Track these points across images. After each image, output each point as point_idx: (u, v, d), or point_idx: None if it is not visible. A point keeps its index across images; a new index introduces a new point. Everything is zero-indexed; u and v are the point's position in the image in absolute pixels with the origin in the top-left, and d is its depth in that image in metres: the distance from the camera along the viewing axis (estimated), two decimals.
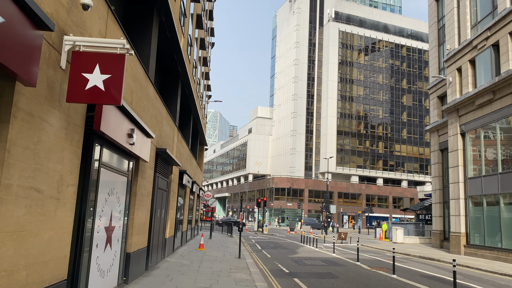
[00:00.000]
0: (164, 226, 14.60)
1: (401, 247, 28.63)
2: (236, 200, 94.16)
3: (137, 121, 7.98)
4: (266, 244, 26.87)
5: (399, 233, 34.44)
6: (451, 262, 19.39)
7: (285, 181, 72.66)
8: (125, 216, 8.92)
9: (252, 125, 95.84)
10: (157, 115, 11.67)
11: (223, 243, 24.87)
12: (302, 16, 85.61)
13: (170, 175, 15.32)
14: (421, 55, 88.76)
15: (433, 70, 32.06)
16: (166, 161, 13.63)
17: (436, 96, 31.22)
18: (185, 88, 18.49)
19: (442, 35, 31.26)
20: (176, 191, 17.01)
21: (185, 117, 22.47)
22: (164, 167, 13.46)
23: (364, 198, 77.27)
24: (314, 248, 25.27)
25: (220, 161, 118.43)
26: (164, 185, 13.99)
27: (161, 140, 12.51)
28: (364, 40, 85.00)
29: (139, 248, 10.38)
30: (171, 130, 14.75)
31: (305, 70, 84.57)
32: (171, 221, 16.09)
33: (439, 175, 30.46)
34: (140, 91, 9.36)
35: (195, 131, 28.17)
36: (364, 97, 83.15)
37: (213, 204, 28.52)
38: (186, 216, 22.29)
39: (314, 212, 73.70)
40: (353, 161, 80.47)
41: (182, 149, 18.65)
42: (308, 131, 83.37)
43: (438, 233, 29.71)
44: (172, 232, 16.86)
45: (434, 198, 30.66)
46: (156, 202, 12.48)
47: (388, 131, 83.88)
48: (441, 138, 30.37)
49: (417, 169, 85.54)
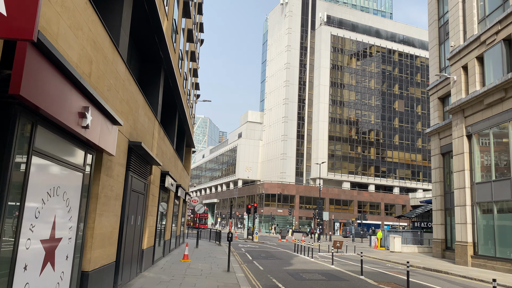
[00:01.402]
0: (141, 235, 12.49)
1: (400, 257, 26.81)
2: (225, 206, 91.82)
3: (93, 97, 5.96)
4: (257, 254, 24.80)
5: (397, 241, 32.64)
6: (461, 275, 17.56)
7: (276, 187, 70.68)
8: (80, 224, 6.86)
9: (242, 129, 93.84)
10: (130, 100, 9.64)
11: (211, 252, 22.74)
12: (293, 20, 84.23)
13: (149, 176, 13.25)
14: (413, 61, 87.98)
15: (433, 70, 30.50)
16: (143, 159, 11.57)
17: (437, 97, 29.64)
18: (169, 79, 16.47)
19: (443, 34, 29.76)
20: (156, 194, 14.92)
21: (169, 113, 20.43)
22: (140, 165, 11.40)
23: (356, 205, 75.61)
24: (310, 258, 23.28)
25: (209, 166, 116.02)
26: (141, 187, 11.92)
27: (135, 132, 10.47)
28: (356, 44, 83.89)
29: (103, 265, 8.29)
30: (151, 123, 12.71)
31: (296, 74, 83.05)
32: (150, 229, 13.98)
33: (440, 181, 28.78)
34: (104, 64, 7.35)
35: (181, 131, 26.10)
36: (356, 102, 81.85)
37: (200, 210, 26.40)
38: (169, 223, 20.14)
39: (305, 219, 71.77)
40: (345, 167, 78.89)
41: (165, 148, 16.58)
42: (299, 136, 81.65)
43: (440, 242, 27.95)
44: (152, 242, 14.73)
45: (435, 204, 28.94)
46: (130, 207, 10.40)
47: (380, 137, 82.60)
48: (443, 142, 28.74)
49: (409, 176, 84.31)
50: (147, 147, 12.04)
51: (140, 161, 11.38)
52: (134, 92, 10.03)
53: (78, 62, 5.99)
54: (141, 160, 11.39)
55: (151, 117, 12.78)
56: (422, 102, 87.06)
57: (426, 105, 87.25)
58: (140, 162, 11.39)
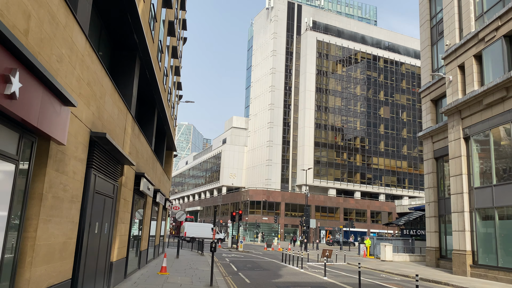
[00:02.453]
0: (110, 245, 10.72)
1: (393, 266, 25.43)
2: (208, 214, 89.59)
3: (25, 57, 4.30)
4: (243, 264, 23.07)
5: (388, 250, 31.31)
6: (464, 286, 16.18)
7: (261, 194, 68.99)
8: (11, 234, 5.14)
9: (226, 135, 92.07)
10: (93, 82, 7.96)
11: (192, 263, 20.94)
12: (279, 24, 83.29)
13: (120, 177, 11.51)
14: (398, 67, 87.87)
15: (425, 72, 29.50)
16: (111, 156, 9.85)
17: (430, 100, 28.59)
18: (146, 71, 14.78)
19: (435, 34, 28.81)
20: (130, 199, 13.15)
21: (147, 110, 18.70)
22: (108, 163, 9.68)
23: (342, 212, 74.42)
24: (299, 269, 21.66)
25: (193, 173, 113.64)
26: (109, 189, 10.18)
27: (100, 123, 8.76)
28: (341, 50, 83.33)
29: (51, 284, 6.54)
30: (122, 116, 11.01)
31: (282, 79, 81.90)
32: (121, 238, 12.20)
33: (433, 186, 27.61)
34: (52, 26, 5.68)
35: (161, 132, 24.32)
36: (342, 108, 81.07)
37: (181, 218, 24.60)
38: (146, 232, 18.32)
39: (290, 227, 70.15)
40: (331, 174, 77.75)
41: (141, 148, 14.85)
42: (285, 142, 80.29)
43: (434, 251, 26.69)
44: (124, 253, 12.93)
45: (428, 211, 27.73)
46: (93, 212, 8.67)
47: (366, 143, 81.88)
48: (436, 145, 27.63)
49: (394, 183, 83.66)
50: (117, 142, 10.33)
51: (108, 158, 9.66)
52: (99, 73, 8.35)
53: (3, 8, 4.33)
54: (108, 157, 9.67)
55: (123, 109, 11.08)
56: (408, 109, 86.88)
57: (411, 112, 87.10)
58: (108, 159, 9.67)
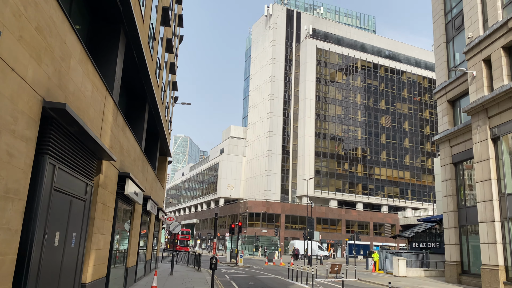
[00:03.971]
0: (80, 262, 8.27)
1: (410, 283, 22.91)
2: (205, 227, 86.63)
3: None
4: (245, 282, 20.50)
5: (401, 264, 28.75)
6: None
7: (260, 205, 66.29)
8: None
9: (224, 145, 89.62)
10: (48, 31, 5.61)
11: (188, 282, 18.36)
12: (278, 32, 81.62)
13: (96, 175, 9.11)
14: (400, 76, 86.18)
15: (440, 71, 27.38)
16: (80, 143, 7.46)
17: (446, 100, 26.40)
18: (134, 53, 12.48)
19: (451, 29, 26.77)
20: (111, 205, 10.72)
21: (136, 104, 16.36)
22: (76, 153, 7.30)
23: (344, 224, 71.76)
24: (309, 287, 19.11)
25: (189, 185, 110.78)
26: (79, 188, 7.78)
27: (62, 93, 6.39)
28: (341, 58, 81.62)
29: None
30: (99, 96, 8.65)
31: (281, 88, 79.87)
32: (99, 253, 9.73)
33: (452, 194, 25.23)
34: None
35: (154, 133, 21.92)
36: (342, 117, 79.00)
37: (176, 230, 22.08)
38: (135, 245, 15.80)
39: (291, 240, 67.34)
40: (332, 184, 75.27)
41: (127, 144, 12.46)
42: (285, 151, 77.90)
43: (455, 265, 24.19)
44: (103, 271, 10.44)
45: (447, 221, 25.31)
46: (49, 217, 6.25)
47: (367, 153, 79.65)
48: (455, 149, 25.33)
49: (397, 194, 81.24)
50: (90, 127, 7.95)
51: (76, 147, 7.27)
52: (58, 22, 6.00)
53: None
54: (77, 144, 7.28)
55: (100, 88, 8.72)
56: (409, 118, 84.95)
57: (413, 121, 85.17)
58: (76, 147, 7.28)
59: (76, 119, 6.13)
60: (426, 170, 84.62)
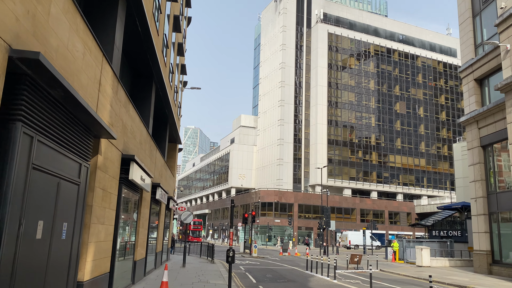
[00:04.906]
0: (75, 257, 7.00)
1: (437, 274, 21.47)
2: (217, 217, 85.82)
3: None
4: (262, 274, 19.25)
5: (425, 254, 27.29)
6: None
7: (272, 195, 65.02)
8: None
9: (234, 135, 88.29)
10: None
11: (202, 274, 17.16)
12: (288, 17, 79.48)
13: (93, 155, 7.81)
14: (414, 61, 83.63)
15: (466, 47, 25.55)
16: (69, 114, 6.12)
17: (473, 79, 24.62)
18: (137, 20, 11.10)
19: (478, 2, 24.88)
20: (114, 191, 9.44)
21: (142, 83, 15.02)
22: (64, 126, 5.98)
23: (359, 213, 70.23)
24: (331, 279, 17.79)
25: (200, 175, 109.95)
26: (69, 168, 6.48)
27: (41, 46, 5.04)
28: (354, 43, 79.32)
29: None
30: (93, 60, 7.30)
31: (292, 74, 77.97)
32: (99, 246, 8.47)
33: (481, 179, 23.57)
34: None
35: (163, 117, 20.61)
36: (355, 104, 76.98)
37: (187, 220, 20.90)
38: (143, 236, 14.59)
39: (304, 229, 66.14)
40: (345, 173, 73.61)
41: (132, 124, 11.14)
42: (297, 140, 76.30)
43: (484, 255, 22.64)
44: (106, 267, 9.20)
45: (475, 208, 23.71)
46: (28, 201, 4.95)
47: (381, 140, 77.66)
48: (483, 131, 23.62)
49: (412, 182, 79.27)
50: (83, 96, 6.60)
51: (64, 117, 5.94)
52: None
53: None
54: (65, 114, 5.95)
55: (94, 50, 7.37)
56: (424, 104, 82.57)
57: (428, 107, 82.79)
58: (64, 118, 5.95)
59: (57, 76, 4.78)
60: (442, 157, 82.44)
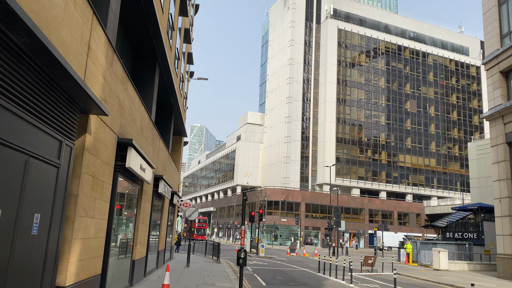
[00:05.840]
0: (53, 257, 5.67)
1: (458, 278, 19.99)
2: (222, 215, 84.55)
3: None
4: (271, 276, 17.88)
5: (443, 256, 25.77)
6: None
7: (279, 193, 63.60)
8: None
9: (241, 132, 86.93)
10: None
11: (207, 276, 15.81)
12: (297, 12, 77.93)
13: (79, 134, 6.47)
14: (425, 59, 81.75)
15: (491, 38, 24.00)
16: (46, 77, 4.78)
17: (499, 71, 23.07)
18: None
19: None
20: (107, 180, 8.11)
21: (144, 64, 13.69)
22: (37, 89, 4.63)
23: (367, 213, 68.62)
24: (346, 283, 16.36)
25: (205, 173, 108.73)
26: (46, 147, 5.15)
27: None
28: (364, 40, 77.57)
29: None
30: (78, 12, 5.96)
31: (300, 71, 76.43)
32: (87, 243, 7.15)
33: (507, 178, 22.03)
34: None
35: (167, 106, 19.28)
36: (365, 102, 75.29)
37: (193, 216, 19.58)
38: (144, 233, 13.27)
39: (311, 229, 64.68)
40: (354, 172, 71.99)
41: (130, 104, 9.80)
42: (304, 137, 74.76)
43: (510, 259, 21.12)
44: (95, 268, 7.87)
45: (500, 209, 22.19)
46: None
47: (391, 139, 75.91)
48: (509, 127, 22.09)
49: (422, 182, 77.45)
50: (63, 53, 5.24)
51: (37, 78, 4.60)
52: None
53: None
54: (37, 74, 4.60)
55: (81, 3, 6.02)
56: (435, 103, 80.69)
57: (439, 106, 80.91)
58: (36, 79, 4.60)
59: (17, 11, 3.43)
60: (453, 157, 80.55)
